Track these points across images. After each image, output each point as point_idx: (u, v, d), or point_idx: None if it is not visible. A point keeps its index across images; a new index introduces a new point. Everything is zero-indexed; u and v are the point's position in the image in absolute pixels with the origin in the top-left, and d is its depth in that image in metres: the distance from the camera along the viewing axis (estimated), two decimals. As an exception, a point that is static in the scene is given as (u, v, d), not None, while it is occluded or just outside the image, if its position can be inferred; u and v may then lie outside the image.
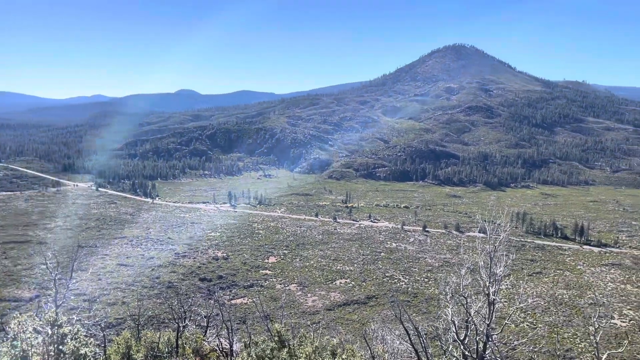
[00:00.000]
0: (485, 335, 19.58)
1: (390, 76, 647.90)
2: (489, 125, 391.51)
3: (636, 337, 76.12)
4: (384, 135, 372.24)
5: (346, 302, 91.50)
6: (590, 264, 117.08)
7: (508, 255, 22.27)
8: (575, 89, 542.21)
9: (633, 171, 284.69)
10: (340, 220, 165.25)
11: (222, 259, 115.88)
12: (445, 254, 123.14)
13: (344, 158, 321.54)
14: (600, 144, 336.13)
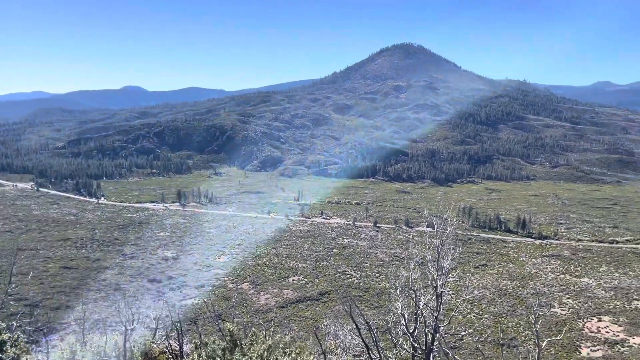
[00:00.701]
0: (434, 327, 20.16)
1: (341, 74, 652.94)
2: (436, 122, 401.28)
3: (575, 324, 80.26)
4: (335, 132, 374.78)
5: (299, 299, 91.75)
6: (532, 256, 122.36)
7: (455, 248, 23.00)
8: (517, 88, 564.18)
9: (570, 166, 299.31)
10: (292, 217, 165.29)
11: (172, 259, 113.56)
12: (396, 249, 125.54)
13: (296, 155, 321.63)
14: (541, 141, 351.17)
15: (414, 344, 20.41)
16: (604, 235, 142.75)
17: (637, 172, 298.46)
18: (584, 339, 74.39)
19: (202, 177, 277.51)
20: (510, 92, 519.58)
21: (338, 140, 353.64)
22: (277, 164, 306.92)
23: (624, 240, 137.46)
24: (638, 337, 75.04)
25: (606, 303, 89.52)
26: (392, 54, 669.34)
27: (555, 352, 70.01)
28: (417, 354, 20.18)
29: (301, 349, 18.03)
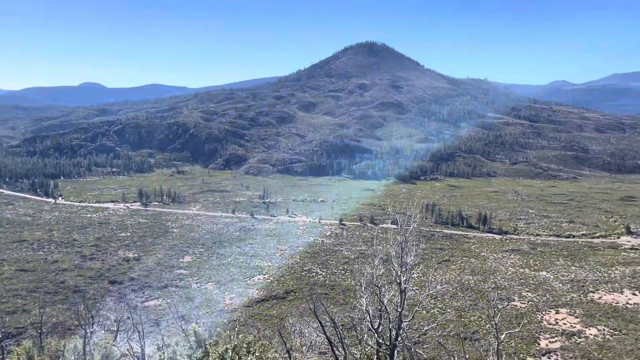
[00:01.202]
0: (398, 323, 20.35)
1: (306, 72, 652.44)
2: (400, 120, 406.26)
3: (534, 317, 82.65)
4: (300, 130, 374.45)
5: (265, 298, 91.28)
6: (492, 251, 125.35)
7: (418, 244, 23.27)
8: (477, 86, 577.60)
9: (529, 163, 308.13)
10: (257, 216, 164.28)
11: (134, 260, 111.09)
12: (361, 246, 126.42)
13: (261, 153, 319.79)
14: (501, 138, 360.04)
15: (378, 339, 20.55)
16: (561, 230, 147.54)
17: (592, 169, 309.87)
18: (542, 331, 76.67)
19: (164, 175, 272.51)
20: (472, 90, 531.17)
21: (303, 138, 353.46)
22: (242, 162, 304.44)
23: (580, 235, 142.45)
24: (593, 328, 77.88)
25: (563, 296, 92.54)
26: (357, 52, 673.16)
27: (516, 344, 71.93)
28: (381, 350, 20.32)
29: (265, 348, 17.90)
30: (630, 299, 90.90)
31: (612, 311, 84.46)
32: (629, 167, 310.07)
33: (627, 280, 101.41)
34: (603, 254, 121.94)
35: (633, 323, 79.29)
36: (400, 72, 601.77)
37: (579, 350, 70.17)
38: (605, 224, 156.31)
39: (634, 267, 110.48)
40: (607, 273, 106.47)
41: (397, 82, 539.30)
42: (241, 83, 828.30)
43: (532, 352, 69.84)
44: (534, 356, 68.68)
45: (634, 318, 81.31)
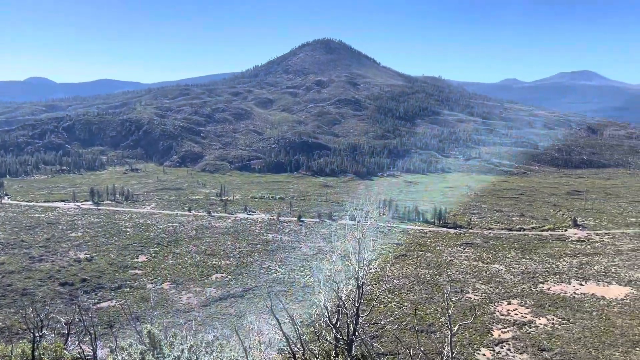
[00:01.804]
0: (355, 318, 20.48)
1: (263, 68, 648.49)
2: (358, 117, 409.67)
3: (487, 308, 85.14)
4: (258, 127, 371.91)
5: (222, 296, 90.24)
6: (447, 245, 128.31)
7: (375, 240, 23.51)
8: (432, 84, 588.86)
9: (482, 159, 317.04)
10: (215, 214, 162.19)
11: (86, 261, 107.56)
12: (320, 242, 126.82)
13: (218, 150, 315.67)
14: (455, 135, 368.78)
15: (336, 335, 20.62)
16: (512, 224, 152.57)
17: (541, 164, 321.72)
18: (495, 322, 79.08)
19: (117, 173, 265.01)
20: (427, 88, 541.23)
21: (261, 135, 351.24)
22: (198, 160, 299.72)
23: (530, 228, 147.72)
24: (543, 317, 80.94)
25: (515, 287, 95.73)
26: (314, 48, 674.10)
27: (470, 335, 73.89)
28: (339, 345, 20.40)
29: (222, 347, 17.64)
30: (577, 289, 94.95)
31: (560, 301, 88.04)
32: (576, 163, 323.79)
33: (574, 271, 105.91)
34: (551, 246, 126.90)
35: (580, 312, 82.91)
36: (357, 69, 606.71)
37: (530, 339, 72.79)
38: (553, 217, 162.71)
39: (581, 258, 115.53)
40: (556, 264, 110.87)
41: (354, 79, 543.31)
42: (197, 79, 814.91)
43: (485, 342, 71.93)
44: (487, 346, 70.75)
45: (581, 307, 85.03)
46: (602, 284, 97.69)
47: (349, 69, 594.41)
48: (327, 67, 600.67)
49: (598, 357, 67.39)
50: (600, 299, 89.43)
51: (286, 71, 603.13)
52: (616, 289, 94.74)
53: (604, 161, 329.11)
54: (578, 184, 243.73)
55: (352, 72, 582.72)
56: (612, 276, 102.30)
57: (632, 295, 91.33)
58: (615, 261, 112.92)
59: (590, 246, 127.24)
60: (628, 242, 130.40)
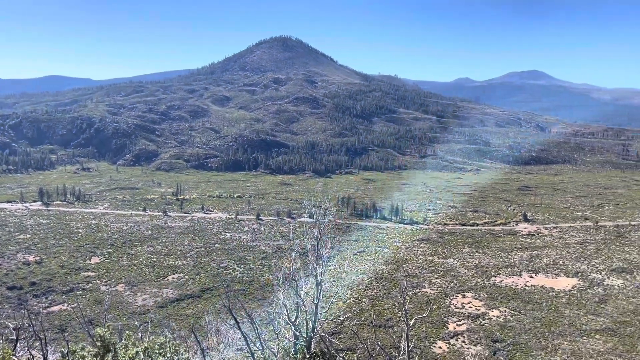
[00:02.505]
0: (314, 315, 20.58)
1: (219, 65, 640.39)
2: (315, 115, 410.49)
3: (443, 302, 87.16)
4: (215, 125, 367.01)
5: (180, 297, 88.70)
6: (404, 240, 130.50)
7: (334, 237, 23.67)
8: (389, 83, 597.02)
9: (437, 156, 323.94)
10: (171, 213, 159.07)
11: (35, 264, 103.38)
12: (279, 241, 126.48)
13: (173, 149, 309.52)
14: (410, 133, 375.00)
15: (295, 332, 20.66)
16: (466, 219, 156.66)
17: (493, 161, 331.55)
18: (450, 315, 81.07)
19: (67, 173, 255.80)
20: (383, 86, 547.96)
21: (218, 133, 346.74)
22: (153, 158, 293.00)
23: (483, 223, 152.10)
24: (496, 310, 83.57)
25: (469, 281, 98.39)
26: (271, 46, 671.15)
27: (426, 328, 75.48)
28: (298, 342, 20.45)
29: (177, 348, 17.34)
30: (527, 281, 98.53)
31: (512, 293, 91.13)
32: (525, 159, 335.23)
33: (525, 264, 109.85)
34: (503, 240, 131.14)
35: (530, 304, 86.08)
36: (314, 67, 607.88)
37: (484, 331, 75.04)
38: (505, 212, 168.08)
39: (531, 251, 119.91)
40: (507, 258, 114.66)
41: (312, 77, 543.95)
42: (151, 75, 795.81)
43: (441, 335, 73.66)
44: (443, 339, 72.46)
45: (532, 299, 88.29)
46: (551, 276, 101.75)
47: (306, 67, 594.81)
48: (284, 65, 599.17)
49: (547, 347, 70.16)
50: (549, 290, 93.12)
51: (243, 69, 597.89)
52: (564, 281, 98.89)
53: (551, 158, 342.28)
54: (528, 180, 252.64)
55: (310, 70, 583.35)
56: (560, 268, 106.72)
57: (579, 286, 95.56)
58: (563, 254, 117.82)
59: (540, 240, 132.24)
60: (575, 235, 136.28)
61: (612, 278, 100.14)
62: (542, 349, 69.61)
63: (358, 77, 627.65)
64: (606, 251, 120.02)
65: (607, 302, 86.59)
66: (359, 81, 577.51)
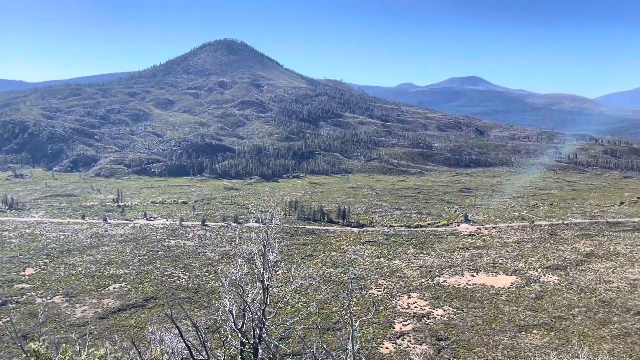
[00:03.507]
0: (261, 320, 20.37)
1: (162, 67, 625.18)
2: (262, 119, 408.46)
3: (389, 303, 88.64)
4: (158, 129, 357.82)
5: (121, 307, 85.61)
6: (351, 243, 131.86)
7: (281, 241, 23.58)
8: (334, 87, 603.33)
9: (382, 160, 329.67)
10: (111, 221, 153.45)
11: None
12: (225, 246, 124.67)
13: (114, 154, 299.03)
14: (356, 137, 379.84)
15: (242, 339, 20.38)
16: (411, 221, 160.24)
17: (435, 164, 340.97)
18: (396, 315, 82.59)
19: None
20: (329, 91, 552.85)
21: (161, 137, 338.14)
22: (92, 164, 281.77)
23: (427, 224, 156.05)
24: (440, 309, 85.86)
25: (414, 281, 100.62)
26: (215, 49, 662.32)
27: (373, 330, 76.53)
28: (245, 349, 20.19)
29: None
30: (469, 280, 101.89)
31: (455, 292, 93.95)
32: (466, 162, 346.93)
33: (467, 263, 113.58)
34: (446, 241, 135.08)
35: (472, 302, 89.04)
36: (260, 71, 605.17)
37: (429, 330, 76.90)
38: (447, 213, 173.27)
39: (472, 251, 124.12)
40: (450, 258, 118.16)
41: (257, 81, 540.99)
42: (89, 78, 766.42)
43: (388, 336, 74.88)
44: (389, 340, 73.68)
45: (473, 297, 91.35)
46: (491, 275, 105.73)
47: (252, 71, 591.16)
48: (229, 68, 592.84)
49: (489, 343, 72.77)
50: (489, 288, 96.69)
51: (187, 71, 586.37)
52: (503, 279, 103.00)
53: (490, 160, 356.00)
54: (468, 182, 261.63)
55: (256, 73, 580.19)
56: (500, 267, 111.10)
57: (517, 283, 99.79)
58: (502, 253, 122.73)
59: (480, 240, 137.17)
60: (512, 235, 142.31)
61: (547, 275, 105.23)
62: (484, 345, 72.13)
63: (304, 81, 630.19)
64: (542, 249, 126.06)
65: (543, 298, 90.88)
66: (305, 85, 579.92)
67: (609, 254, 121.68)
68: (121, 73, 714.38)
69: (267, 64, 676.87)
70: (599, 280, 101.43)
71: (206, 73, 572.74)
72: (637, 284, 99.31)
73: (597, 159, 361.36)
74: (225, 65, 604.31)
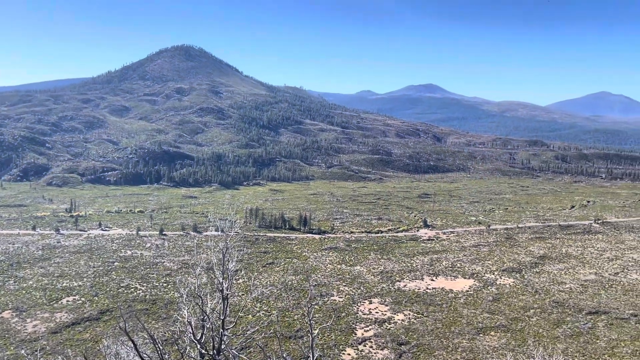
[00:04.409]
0: (221, 331, 19.98)
1: (117, 73, 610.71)
2: (221, 126, 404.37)
3: (351, 309, 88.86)
4: (113, 136, 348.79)
5: (75, 321, 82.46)
6: (313, 250, 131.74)
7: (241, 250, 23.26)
8: (294, 94, 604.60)
9: (342, 166, 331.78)
10: (64, 231, 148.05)
11: None
12: (184, 256, 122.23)
13: (67, 162, 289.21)
14: (317, 144, 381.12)
15: (201, 350, 19.93)
16: (371, 227, 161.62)
17: (394, 170, 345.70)
18: (358, 321, 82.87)
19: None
20: (289, 97, 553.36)
21: (116, 145, 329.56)
22: (44, 173, 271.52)
23: (387, 230, 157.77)
24: (401, 313, 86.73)
25: (375, 287, 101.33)
26: (173, 55, 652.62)
27: (335, 336, 76.50)
28: (204, 361, 19.74)
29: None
30: (429, 284, 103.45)
31: (415, 297, 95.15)
32: (424, 168, 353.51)
33: (426, 268, 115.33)
34: (406, 246, 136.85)
35: (432, 306, 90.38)
36: (219, 77, 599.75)
37: (390, 335, 77.50)
38: (407, 219, 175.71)
39: (431, 256, 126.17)
40: (410, 263, 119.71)
41: (216, 88, 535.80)
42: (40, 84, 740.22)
43: (350, 342, 75.00)
44: (351, 346, 73.80)
45: (433, 301, 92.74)
46: (450, 278, 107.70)
47: (210, 77, 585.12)
48: (187, 75, 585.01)
49: (448, 346, 73.94)
50: (448, 292, 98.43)
51: (143, 78, 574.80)
52: (462, 282, 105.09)
53: (447, 166, 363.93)
54: (427, 188, 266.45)
55: (215, 80, 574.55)
56: (458, 270, 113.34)
57: (475, 286, 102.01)
58: (460, 257, 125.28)
59: (439, 244, 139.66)
60: (470, 239, 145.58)
61: (503, 278, 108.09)
62: (444, 348, 73.23)
63: (264, 88, 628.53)
64: (498, 253, 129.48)
65: (500, 301, 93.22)
66: (265, 92, 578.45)
67: (562, 256, 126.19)
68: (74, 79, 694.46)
69: (226, 70, 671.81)
70: (552, 282, 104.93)
71: (163, 79, 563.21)
72: (588, 284, 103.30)
73: (549, 164, 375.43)
74: (183, 72, 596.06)
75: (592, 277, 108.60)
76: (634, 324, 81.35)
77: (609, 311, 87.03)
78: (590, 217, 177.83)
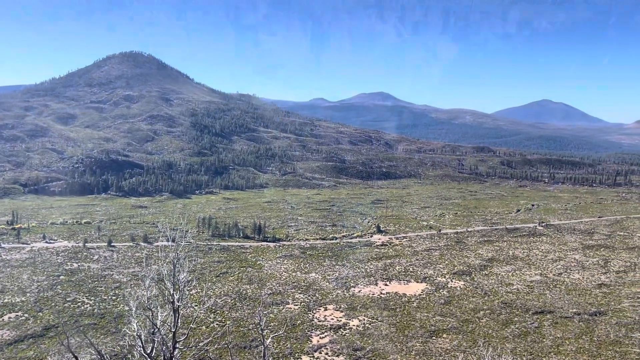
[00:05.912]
0: (172, 344, 19.57)
1: (61, 80, 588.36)
2: (172, 134, 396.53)
3: (306, 316, 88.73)
4: (57, 145, 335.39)
5: (18, 338, 78.47)
6: (268, 258, 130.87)
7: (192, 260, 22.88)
8: (247, 102, 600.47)
9: (296, 174, 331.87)
10: (5, 245, 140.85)
11: None
12: (134, 267, 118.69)
13: (7, 172, 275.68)
14: (271, 151, 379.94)
15: (151, 365, 19.45)
16: (326, 233, 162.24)
17: (348, 177, 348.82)
18: (313, 328, 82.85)
19: None
20: (241, 105, 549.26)
21: (61, 154, 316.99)
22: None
23: (341, 236, 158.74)
24: (356, 319, 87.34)
25: (330, 293, 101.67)
26: (121, 61, 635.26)
27: (291, 344, 76.16)
28: (155, 376, 19.27)
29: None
30: (383, 289, 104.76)
31: (370, 302, 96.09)
32: (377, 175, 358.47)
33: (380, 272, 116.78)
34: (360, 252, 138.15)
35: (386, 310, 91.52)
36: (169, 84, 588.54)
37: (345, 341, 77.87)
38: (360, 225, 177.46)
39: (385, 261, 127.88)
40: (364, 268, 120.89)
41: (167, 95, 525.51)
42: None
43: (305, 349, 74.83)
44: (307, 353, 73.66)
45: (387, 306, 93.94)
46: (403, 283, 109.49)
47: (160, 84, 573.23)
48: (136, 82, 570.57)
49: (402, 349, 75.02)
50: (402, 296, 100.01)
51: (90, 84, 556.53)
52: (414, 286, 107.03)
53: (399, 173, 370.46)
54: (380, 194, 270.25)
55: (165, 87, 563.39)
56: (411, 275, 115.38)
57: (427, 290, 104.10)
58: (412, 261, 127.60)
59: (392, 249, 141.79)
60: (422, 243, 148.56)
61: (454, 280, 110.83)
62: (398, 352, 74.24)
63: (216, 95, 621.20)
64: (449, 256, 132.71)
65: (451, 303, 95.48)
66: (218, 100, 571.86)
67: (509, 258, 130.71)
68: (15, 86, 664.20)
69: (177, 77, 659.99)
70: (500, 284, 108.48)
71: (111, 86, 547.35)
72: (534, 285, 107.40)
73: (496, 169, 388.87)
74: (132, 79, 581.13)
75: (537, 277, 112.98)
76: (578, 322, 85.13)
77: (554, 310, 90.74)
78: (534, 220, 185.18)
